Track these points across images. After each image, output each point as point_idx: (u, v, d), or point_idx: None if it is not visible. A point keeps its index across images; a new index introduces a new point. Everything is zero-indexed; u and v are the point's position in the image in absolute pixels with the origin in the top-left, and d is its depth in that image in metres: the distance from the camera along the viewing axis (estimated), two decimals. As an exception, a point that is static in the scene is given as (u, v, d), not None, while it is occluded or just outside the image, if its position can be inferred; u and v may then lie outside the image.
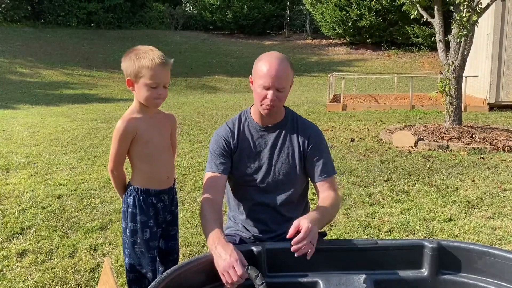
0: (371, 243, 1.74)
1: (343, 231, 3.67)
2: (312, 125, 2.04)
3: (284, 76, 1.86)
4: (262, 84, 1.86)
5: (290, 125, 2.00)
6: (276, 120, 1.98)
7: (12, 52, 20.16)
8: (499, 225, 3.78)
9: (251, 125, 2.00)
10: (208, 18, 26.95)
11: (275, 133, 1.98)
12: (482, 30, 10.13)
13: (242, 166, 1.98)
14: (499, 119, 9.36)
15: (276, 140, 1.98)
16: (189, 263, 1.60)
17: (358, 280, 1.66)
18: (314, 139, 1.98)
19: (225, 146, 1.96)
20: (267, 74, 1.84)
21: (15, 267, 3.10)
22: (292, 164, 1.97)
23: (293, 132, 1.99)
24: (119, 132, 1.85)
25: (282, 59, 1.88)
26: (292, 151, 1.97)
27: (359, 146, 6.92)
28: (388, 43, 22.83)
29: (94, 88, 16.40)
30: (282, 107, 1.97)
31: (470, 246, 1.68)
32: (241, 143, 1.98)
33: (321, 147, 1.99)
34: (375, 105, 11.66)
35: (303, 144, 1.97)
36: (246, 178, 1.99)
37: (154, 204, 1.95)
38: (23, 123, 8.97)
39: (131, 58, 1.80)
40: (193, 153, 6.38)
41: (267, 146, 1.98)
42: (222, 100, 13.78)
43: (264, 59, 1.88)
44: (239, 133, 1.99)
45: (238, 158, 1.98)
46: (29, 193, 4.61)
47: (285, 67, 1.86)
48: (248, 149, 1.98)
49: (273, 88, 1.85)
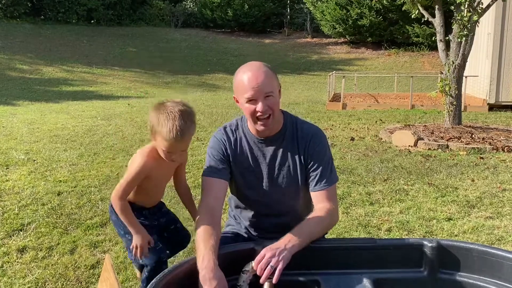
0: (371, 242, 1.74)
1: (343, 230, 3.68)
2: (313, 129, 1.91)
3: (267, 81, 1.74)
4: (247, 98, 1.74)
5: (289, 133, 1.88)
6: (274, 130, 1.86)
7: (12, 48, 20.14)
8: (498, 225, 3.79)
9: (248, 136, 1.89)
10: (208, 16, 26.92)
11: (273, 146, 1.88)
12: (482, 30, 10.13)
13: (243, 179, 1.90)
14: (499, 119, 9.37)
15: (275, 152, 1.88)
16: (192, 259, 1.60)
17: (358, 279, 1.67)
18: (313, 145, 1.86)
19: (224, 152, 1.87)
20: (249, 86, 1.73)
21: (15, 263, 3.11)
22: (293, 176, 1.88)
23: (293, 141, 1.87)
24: (139, 165, 1.85)
25: (260, 65, 1.78)
26: (293, 163, 1.87)
27: (359, 145, 6.93)
28: (388, 43, 22.82)
29: (94, 85, 16.39)
30: (278, 115, 1.84)
31: (469, 245, 1.69)
32: (239, 155, 1.88)
33: (320, 154, 1.86)
34: (375, 104, 11.67)
35: (304, 153, 1.86)
36: (245, 192, 1.93)
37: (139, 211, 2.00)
38: (22, 119, 8.97)
39: (155, 117, 1.76)
40: (193, 150, 6.38)
41: (266, 160, 1.88)
42: (222, 98, 13.77)
43: (241, 71, 1.78)
44: (236, 143, 1.89)
45: (238, 170, 1.89)
46: (29, 190, 4.61)
47: (265, 72, 1.75)
48: (247, 163, 1.89)
49: (261, 97, 1.73)
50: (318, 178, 1.84)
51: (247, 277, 1.57)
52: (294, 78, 19.02)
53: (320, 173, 1.85)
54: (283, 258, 1.54)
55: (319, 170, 1.85)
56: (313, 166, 1.85)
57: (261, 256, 1.54)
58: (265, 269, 1.51)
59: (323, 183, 1.84)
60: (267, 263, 1.52)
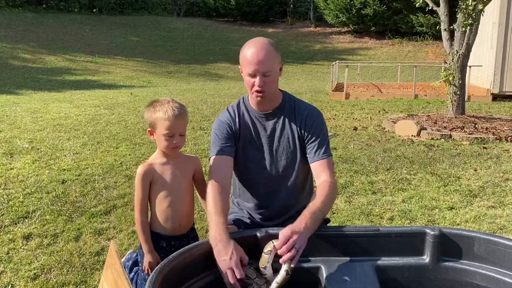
0: (374, 230, 1.76)
1: (345, 219, 3.70)
2: (309, 106, 2.03)
3: (268, 60, 1.84)
4: (247, 72, 1.86)
5: (288, 109, 1.99)
6: (273, 105, 1.98)
7: (14, 37, 20.10)
8: (500, 214, 3.80)
9: (250, 111, 2.01)
10: (211, 5, 26.75)
11: (273, 119, 1.99)
12: (487, 19, 10.03)
13: (245, 154, 1.99)
14: (503, 109, 9.33)
15: (274, 126, 1.98)
16: (194, 247, 1.62)
17: (360, 266, 1.68)
18: (310, 120, 1.97)
19: (228, 130, 1.96)
20: (251, 61, 1.83)
21: (21, 250, 3.14)
22: (293, 148, 1.98)
23: (291, 116, 1.98)
24: (139, 177, 1.93)
25: (264, 43, 1.86)
26: (291, 135, 1.97)
27: (362, 134, 6.92)
28: (392, 32, 22.65)
29: (96, 74, 16.37)
30: (276, 92, 1.97)
31: (471, 233, 1.70)
32: (242, 130, 1.98)
33: (317, 128, 1.96)
34: (378, 94, 11.62)
35: (300, 126, 1.97)
36: (249, 165, 2.00)
37: (164, 248, 1.96)
38: (26, 108, 8.98)
39: (149, 110, 1.92)
40: (196, 140, 6.40)
41: (267, 133, 1.99)
42: (225, 87, 13.74)
43: (247, 46, 1.88)
44: (239, 120, 1.99)
45: (241, 145, 1.98)
46: (34, 178, 4.64)
47: (268, 51, 1.84)
48: (249, 137, 1.99)
49: (259, 74, 1.84)
50: (316, 149, 1.93)
51: (271, 258, 1.58)
52: (297, 68, 18.95)
53: (318, 144, 1.94)
54: (304, 241, 1.58)
55: (317, 141, 1.94)
56: (311, 138, 1.95)
57: (286, 237, 1.55)
58: (289, 251, 1.53)
59: (322, 153, 1.93)
60: (293, 244, 1.54)
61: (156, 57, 19.58)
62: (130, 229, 3.47)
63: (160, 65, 18.68)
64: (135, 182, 1.96)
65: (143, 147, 5.95)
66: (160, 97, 1.98)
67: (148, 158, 2.03)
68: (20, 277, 2.79)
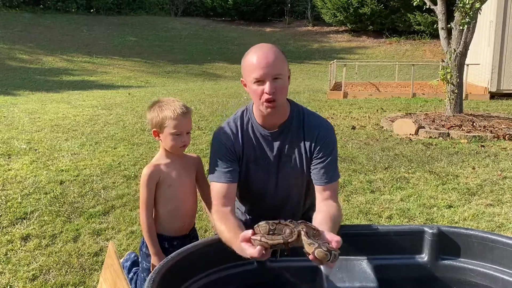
0: (372, 228, 1.76)
1: (344, 218, 3.69)
2: (320, 122, 1.85)
3: (277, 62, 1.67)
4: (255, 78, 1.66)
5: (296, 124, 1.82)
6: (281, 119, 1.80)
7: (12, 38, 20.04)
8: (498, 212, 3.81)
9: (255, 127, 1.83)
10: (208, 4, 26.72)
11: (280, 137, 1.82)
12: (484, 17, 10.05)
13: (247, 173, 1.86)
14: (500, 108, 9.35)
15: (282, 144, 1.82)
16: (193, 247, 1.62)
17: (359, 264, 1.68)
18: (321, 140, 1.80)
19: (230, 151, 1.80)
20: (258, 65, 1.65)
21: (19, 251, 3.14)
22: (300, 170, 1.84)
23: (299, 133, 1.82)
24: (145, 178, 1.93)
25: (272, 46, 1.71)
26: (299, 156, 1.83)
27: (360, 133, 6.93)
28: (389, 31, 22.66)
29: (94, 74, 16.35)
30: (285, 102, 1.78)
31: (469, 231, 1.71)
32: (245, 149, 1.83)
33: (328, 148, 1.81)
34: (376, 93, 11.63)
35: (310, 147, 1.81)
36: (251, 185, 1.89)
37: (167, 249, 1.96)
38: (23, 109, 8.96)
39: (155, 110, 1.92)
40: (194, 140, 6.39)
41: (273, 153, 1.83)
42: (223, 87, 13.73)
43: (251, 52, 1.71)
44: (242, 136, 1.82)
45: (243, 164, 1.84)
46: (32, 179, 4.63)
47: (277, 54, 1.68)
48: (253, 156, 1.84)
49: (269, 78, 1.65)
50: (324, 171, 1.78)
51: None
52: (295, 67, 18.95)
53: (328, 165, 1.79)
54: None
55: (326, 163, 1.79)
56: (320, 159, 1.80)
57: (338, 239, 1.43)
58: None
59: (331, 176, 1.79)
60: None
61: (154, 57, 19.56)
62: (128, 229, 3.47)
63: (158, 65, 18.66)
64: (141, 184, 1.95)
65: (141, 148, 5.94)
66: (161, 97, 1.99)
67: (147, 158, 2.04)
68: (19, 278, 2.79)
